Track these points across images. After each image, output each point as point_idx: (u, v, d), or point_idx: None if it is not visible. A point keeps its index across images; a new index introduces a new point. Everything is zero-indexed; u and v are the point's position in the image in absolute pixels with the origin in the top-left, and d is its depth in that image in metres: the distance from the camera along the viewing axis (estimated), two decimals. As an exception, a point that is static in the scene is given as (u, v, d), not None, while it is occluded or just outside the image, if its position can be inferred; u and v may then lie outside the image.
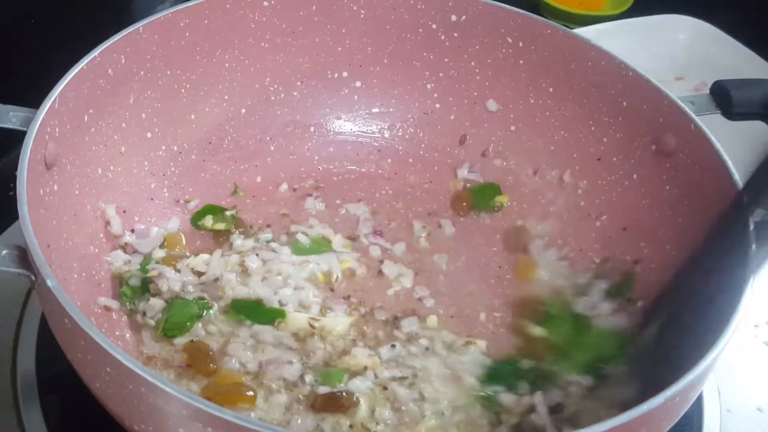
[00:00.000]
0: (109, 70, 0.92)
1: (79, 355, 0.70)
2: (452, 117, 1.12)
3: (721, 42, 1.28)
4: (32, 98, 0.80)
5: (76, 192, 0.89)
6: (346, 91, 1.12)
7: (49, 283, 0.69)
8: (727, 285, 0.80)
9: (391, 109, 1.13)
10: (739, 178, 0.87)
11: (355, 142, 1.13)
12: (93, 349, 0.67)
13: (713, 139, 0.91)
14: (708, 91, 0.97)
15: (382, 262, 1.01)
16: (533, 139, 1.09)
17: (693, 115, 0.93)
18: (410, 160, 1.13)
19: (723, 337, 0.73)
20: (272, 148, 1.10)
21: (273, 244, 0.99)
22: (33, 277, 0.72)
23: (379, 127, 1.13)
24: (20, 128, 0.82)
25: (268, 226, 1.03)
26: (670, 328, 0.88)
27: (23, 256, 0.73)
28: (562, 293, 0.98)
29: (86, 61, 0.88)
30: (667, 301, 0.91)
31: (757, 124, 0.96)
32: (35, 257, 0.71)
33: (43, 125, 0.82)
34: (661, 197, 0.97)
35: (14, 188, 0.76)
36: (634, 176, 1.01)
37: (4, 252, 0.73)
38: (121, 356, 0.65)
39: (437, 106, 1.12)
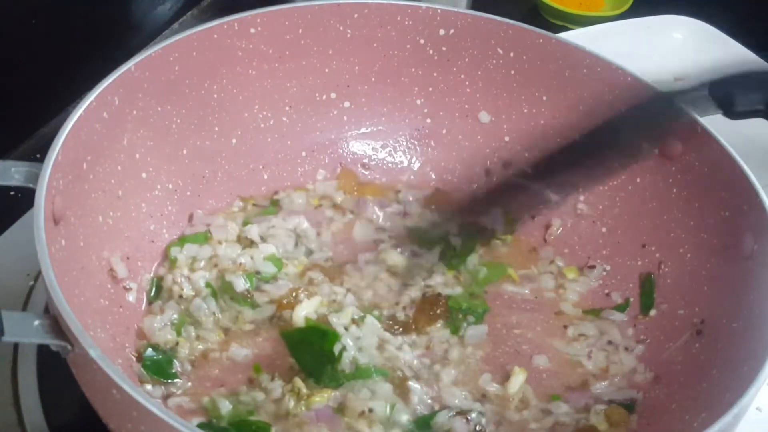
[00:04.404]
0: (104, 113, 0.88)
1: (129, 425, 0.67)
2: (444, 131, 1.11)
3: (720, 42, 1.29)
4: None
5: (81, 244, 0.85)
6: (335, 112, 1.09)
7: (92, 353, 0.65)
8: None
9: (381, 128, 1.11)
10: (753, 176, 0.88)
11: (346, 164, 1.10)
12: (147, 420, 0.64)
13: (722, 140, 0.92)
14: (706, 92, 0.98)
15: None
16: (528, 149, 1.08)
17: (698, 118, 0.93)
18: (404, 179, 1.11)
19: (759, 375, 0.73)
20: (265, 176, 1.07)
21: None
22: (69, 347, 0.68)
23: (371, 147, 1.11)
24: (25, 185, 0.78)
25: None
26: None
27: (55, 325, 0.69)
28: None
29: (84, 107, 0.84)
30: None
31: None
32: (72, 326, 0.67)
33: (50, 180, 0.77)
34: (668, 200, 0.97)
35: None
36: (638, 180, 1.01)
37: (37, 323, 0.69)
38: (183, 427, 0.62)
39: (428, 121, 1.11)
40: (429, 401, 0.86)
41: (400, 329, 0.92)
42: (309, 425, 0.82)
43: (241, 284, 0.93)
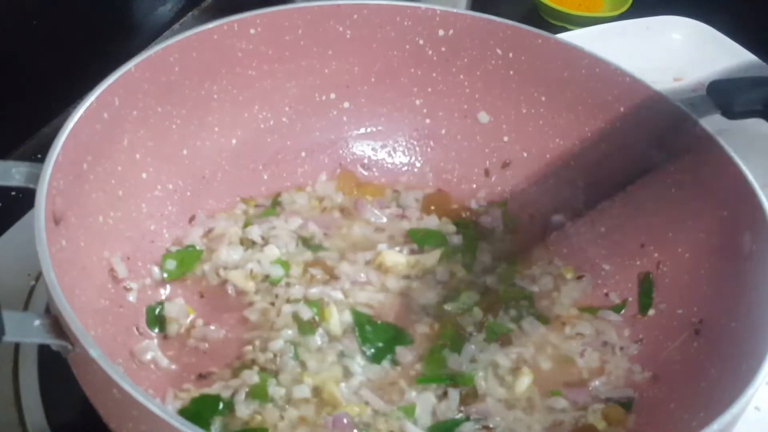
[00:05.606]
0: (104, 114, 0.88)
1: (130, 425, 0.67)
2: (443, 131, 1.11)
3: (719, 43, 1.30)
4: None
5: (82, 244, 0.85)
6: (335, 112, 1.09)
7: (92, 353, 0.65)
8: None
9: (380, 128, 1.11)
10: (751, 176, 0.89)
11: (345, 165, 1.11)
12: (148, 420, 0.64)
13: (721, 140, 0.92)
14: (705, 92, 0.98)
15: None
16: (527, 149, 1.08)
17: (697, 118, 0.94)
18: (403, 179, 1.11)
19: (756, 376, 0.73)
20: (265, 176, 1.07)
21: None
22: (70, 347, 0.69)
23: (370, 147, 1.11)
24: (26, 185, 0.78)
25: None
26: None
27: (56, 325, 0.69)
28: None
29: (84, 108, 0.84)
30: None
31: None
32: (72, 326, 0.67)
33: (51, 180, 0.78)
34: (667, 200, 0.98)
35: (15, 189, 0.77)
36: (636, 180, 1.01)
37: (37, 322, 0.69)
38: (184, 427, 0.62)
39: (427, 121, 1.11)
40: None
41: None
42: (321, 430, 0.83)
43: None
